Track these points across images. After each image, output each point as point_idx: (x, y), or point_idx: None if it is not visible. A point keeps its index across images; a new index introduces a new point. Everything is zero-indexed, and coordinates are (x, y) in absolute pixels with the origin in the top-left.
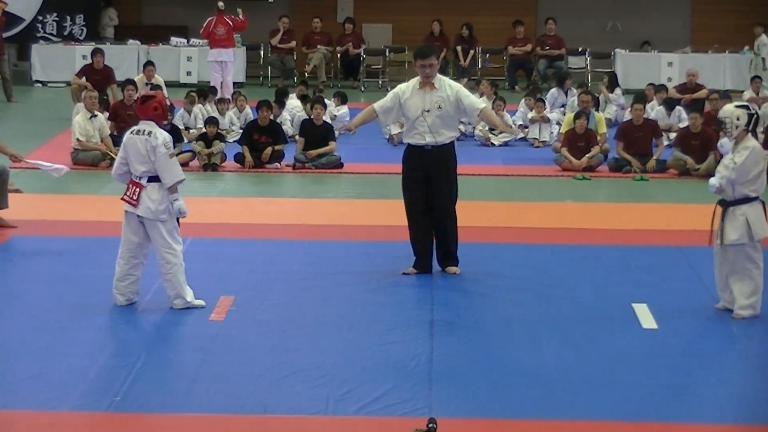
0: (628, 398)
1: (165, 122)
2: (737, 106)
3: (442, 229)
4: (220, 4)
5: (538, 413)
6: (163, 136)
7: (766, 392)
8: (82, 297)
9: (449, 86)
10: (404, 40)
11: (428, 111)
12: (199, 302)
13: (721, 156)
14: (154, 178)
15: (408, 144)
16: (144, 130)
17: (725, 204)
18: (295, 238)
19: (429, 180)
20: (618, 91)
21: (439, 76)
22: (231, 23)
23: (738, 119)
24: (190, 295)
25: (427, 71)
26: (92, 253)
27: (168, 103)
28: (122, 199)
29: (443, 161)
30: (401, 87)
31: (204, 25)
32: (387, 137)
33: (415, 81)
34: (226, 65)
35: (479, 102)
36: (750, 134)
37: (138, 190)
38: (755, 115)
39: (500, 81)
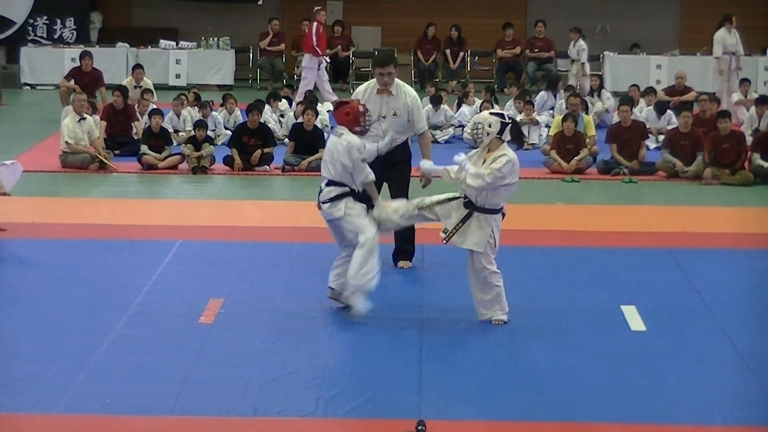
0: (617, 400)
1: (357, 128)
2: (491, 113)
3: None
4: (316, 8)
5: (527, 415)
6: (354, 139)
7: (756, 394)
8: (72, 300)
9: (406, 93)
10: (393, 43)
11: (384, 117)
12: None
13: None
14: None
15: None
16: (339, 132)
17: (472, 206)
18: (285, 240)
19: (382, 175)
20: (606, 94)
21: (397, 81)
22: (308, 29)
23: (490, 126)
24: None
25: (386, 79)
26: (82, 255)
27: (361, 109)
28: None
29: (396, 160)
30: (359, 90)
31: None
32: None
33: (372, 84)
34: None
35: (424, 123)
36: (505, 144)
37: None
38: (510, 124)
39: (489, 83)
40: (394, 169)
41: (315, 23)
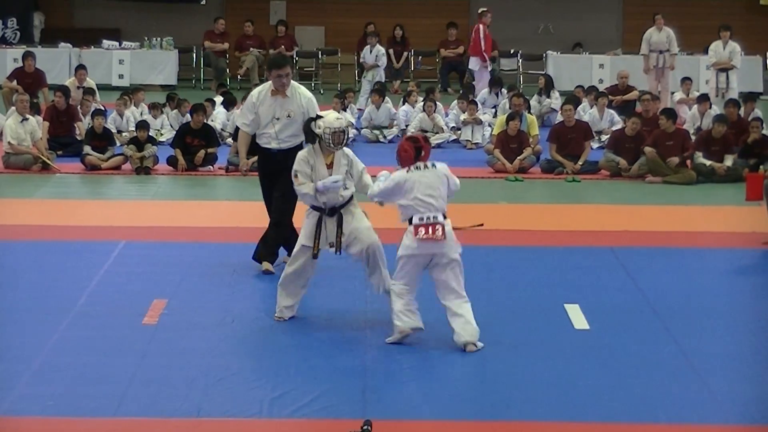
0: (561, 399)
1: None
2: (338, 119)
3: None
4: (481, 10)
5: (472, 414)
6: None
7: (699, 391)
8: (14, 301)
9: (301, 95)
10: (337, 43)
11: (278, 119)
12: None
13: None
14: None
15: (257, 144)
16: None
17: (335, 210)
18: (229, 240)
19: (272, 179)
20: (555, 93)
21: (292, 83)
22: (475, 33)
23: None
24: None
25: (283, 80)
26: (25, 257)
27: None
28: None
29: (289, 164)
30: (255, 92)
31: None
32: None
33: (267, 87)
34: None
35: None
36: None
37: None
38: None
39: (433, 83)
40: (279, 174)
41: (481, 26)
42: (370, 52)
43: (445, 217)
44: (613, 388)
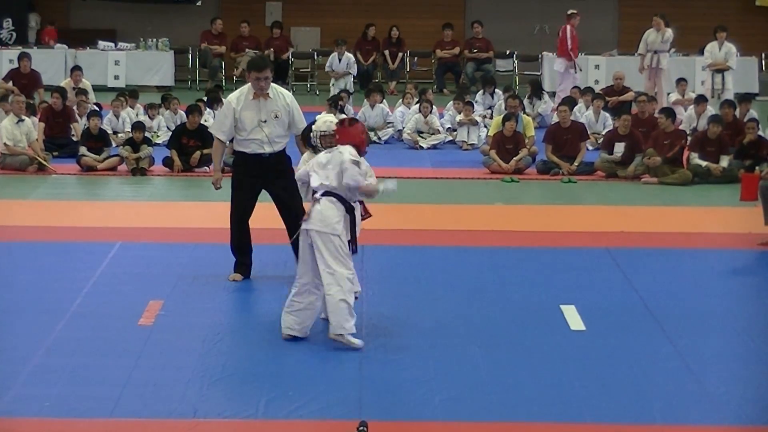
0: (557, 400)
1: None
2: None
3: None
4: (570, 11)
5: (467, 416)
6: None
7: (695, 392)
8: (10, 302)
9: (283, 95)
10: (333, 44)
11: (265, 122)
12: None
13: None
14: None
15: (241, 152)
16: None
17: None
18: (224, 241)
19: (266, 185)
20: (545, 97)
21: (271, 84)
22: (562, 33)
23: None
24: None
25: (262, 84)
26: (21, 258)
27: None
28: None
29: (282, 166)
30: (232, 98)
31: None
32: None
33: (246, 91)
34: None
35: (305, 122)
36: None
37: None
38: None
39: (428, 84)
40: (277, 177)
41: (569, 26)
42: (339, 60)
43: (330, 195)
44: (609, 389)
